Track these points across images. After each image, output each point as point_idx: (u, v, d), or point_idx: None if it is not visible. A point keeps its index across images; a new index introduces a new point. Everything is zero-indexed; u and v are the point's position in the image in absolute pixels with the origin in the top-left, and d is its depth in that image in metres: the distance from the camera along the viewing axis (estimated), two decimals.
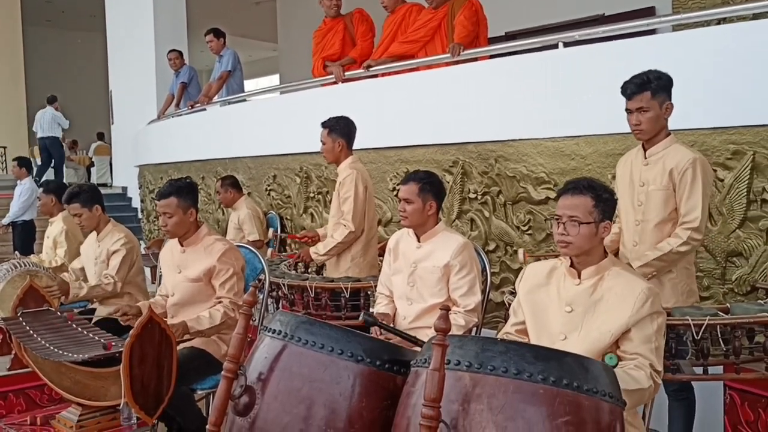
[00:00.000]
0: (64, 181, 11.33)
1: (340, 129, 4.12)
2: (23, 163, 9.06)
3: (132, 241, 4.18)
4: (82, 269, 4.39)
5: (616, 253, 3.17)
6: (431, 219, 3.19)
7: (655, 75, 2.94)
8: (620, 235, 3.19)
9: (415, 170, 3.38)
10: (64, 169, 13.92)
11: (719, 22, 4.39)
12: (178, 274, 3.42)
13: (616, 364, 1.87)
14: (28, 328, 2.99)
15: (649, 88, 2.92)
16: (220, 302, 3.32)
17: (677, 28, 4.45)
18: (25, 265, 3.93)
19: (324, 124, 4.15)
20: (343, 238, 3.99)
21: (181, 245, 3.45)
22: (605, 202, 2.29)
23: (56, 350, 2.78)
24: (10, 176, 11.77)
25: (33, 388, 3.40)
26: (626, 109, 3.00)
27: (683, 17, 4.32)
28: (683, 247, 2.90)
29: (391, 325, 3.14)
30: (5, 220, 8.90)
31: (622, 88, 2.99)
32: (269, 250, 4.91)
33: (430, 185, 3.17)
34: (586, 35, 4.28)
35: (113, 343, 2.86)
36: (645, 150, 3.04)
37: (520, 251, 3.77)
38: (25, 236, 8.92)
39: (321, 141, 4.16)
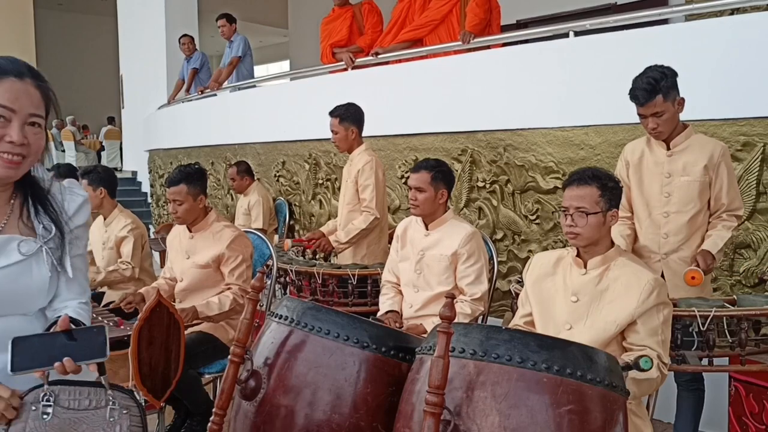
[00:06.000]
0: (75, 165, 11.45)
1: (351, 116, 4.05)
2: None
3: (139, 227, 4.19)
4: (90, 252, 4.40)
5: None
6: (441, 207, 3.19)
7: (659, 75, 2.83)
8: (634, 232, 3.12)
9: (425, 159, 3.37)
10: (75, 153, 14.14)
11: (732, 12, 4.36)
12: (187, 260, 3.43)
13: (651, 366, 1.86)
14: None
15: (660, 91, 2.82)
16: (229, 288, 3.34)
17: (690, 18, 4.42)
18: None
19: (334, 113, 4.06)
20: (368, 224, 3.98)
21: (190, 231, 3.46)
22: (611, 190, 2.29)
23: None
24: None
25: None
26: (639, 114, 2.91)
27: (696, 7, 4.30)
28: (734, 231, 3.01)
29: (398, 324, 3.16)
30: None
31: (631, 95, 2.88)
32: (277, 237, 4.90)
33: (441, 174, 3.16)
34: (597, 24, 4.26)
35: (123, 327, 2.89)
36: (666, 142, 2.98)
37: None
38: None
39: (332, 130, 4.07)
